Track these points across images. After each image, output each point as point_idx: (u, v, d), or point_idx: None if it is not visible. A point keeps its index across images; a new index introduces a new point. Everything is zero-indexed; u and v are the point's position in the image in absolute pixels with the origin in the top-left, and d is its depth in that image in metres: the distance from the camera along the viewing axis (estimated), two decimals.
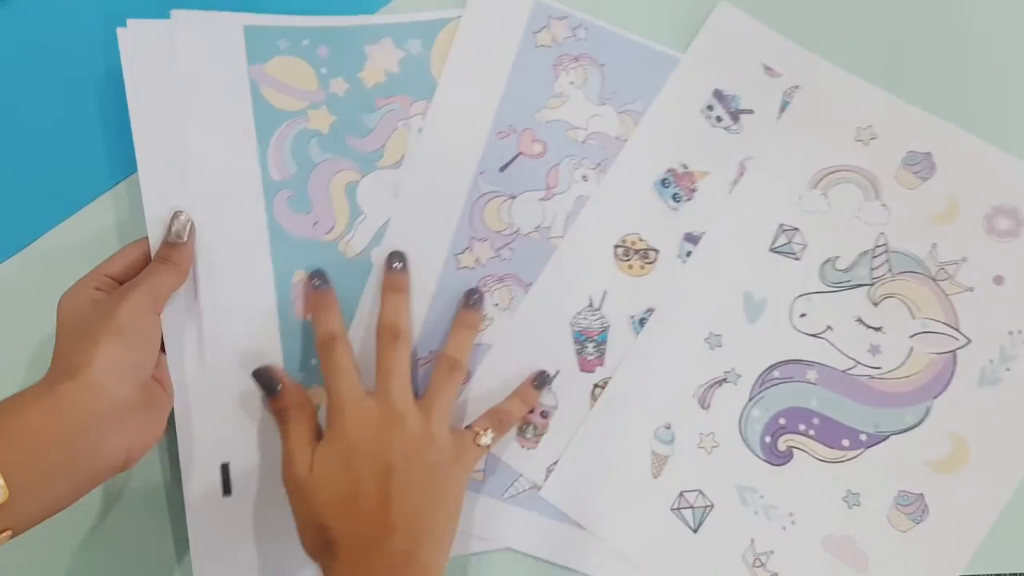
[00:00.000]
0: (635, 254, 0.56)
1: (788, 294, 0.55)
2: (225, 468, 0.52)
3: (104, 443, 0.44)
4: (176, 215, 0.51)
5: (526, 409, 0.54)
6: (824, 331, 0.55)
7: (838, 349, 0.54)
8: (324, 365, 0.50)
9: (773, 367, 0.55)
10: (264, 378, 0.52)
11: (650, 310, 0.55)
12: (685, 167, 0.56)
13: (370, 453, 0.47)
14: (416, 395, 0.51)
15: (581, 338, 0.56)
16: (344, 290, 0.54)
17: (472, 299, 0.54)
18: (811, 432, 0.54)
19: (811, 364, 0.54)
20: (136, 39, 0.52)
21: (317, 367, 0.53)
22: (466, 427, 0.52)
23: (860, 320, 0.54)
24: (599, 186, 0.56)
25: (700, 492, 0.54)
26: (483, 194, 0.56)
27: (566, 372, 0.55)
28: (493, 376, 0.55)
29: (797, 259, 0.55)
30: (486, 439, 0.51)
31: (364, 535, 0.46)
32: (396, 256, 0.53)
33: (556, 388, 0.55)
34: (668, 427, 0.55)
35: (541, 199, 0.56)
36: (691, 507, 0.54)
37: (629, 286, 0.56)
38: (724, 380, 0.55)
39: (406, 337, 0.51)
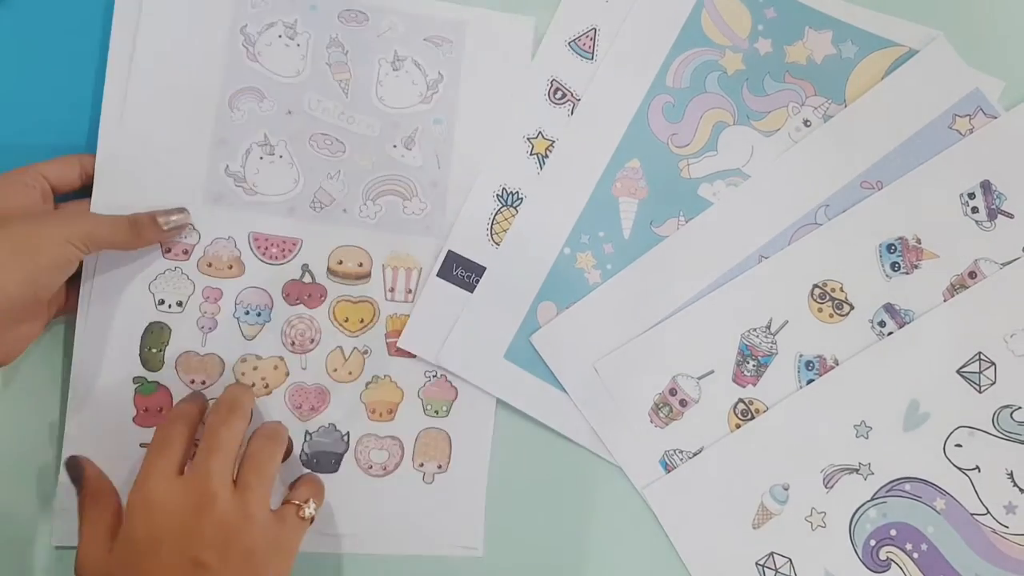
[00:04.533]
0: (831, 301, 0.53)
1: (953, 420, 0.52)
2: None
3: None
4: (183, 211, 0.49)
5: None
6: (971, 469, 0.52)
7: (976, 492, 0.52)
8: (154, 436, 0.44)
9: (907, 479, 0.52)
10: (71, 469, 0.46)
11: (820, 357, 0.52)
12: (918, 241, 0.53)
13: (175, 544, 0.40)
14: None
15: (746, 352, 0.52)
16: (663, 200, 0.54)
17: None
18: (915, 555, 0.51)
19: (944, 493, 0.52)
20: None
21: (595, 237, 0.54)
22: (284, 502, 0.46)
23: (1010, 475, 0.52)
24: (827, 222, 0.53)
25: (790, 561, 0.51)
26: (811, 223, 0.54)
27: (719, 375, 0.52)
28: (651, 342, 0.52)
29: (979, 392, 0.52)
30: (309, 510, 0.45)
31: None
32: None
33: (704, 386, 0.52)
34: (786, 488, 0.52)
35: None
36: (775, 570, 0.51)
37: (811, 328, 0.53)
38: (856, 470, 0.52)
39: (245, 414, 0.45)
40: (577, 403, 0.51)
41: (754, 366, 0.52)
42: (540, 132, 0.54)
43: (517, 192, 0.53)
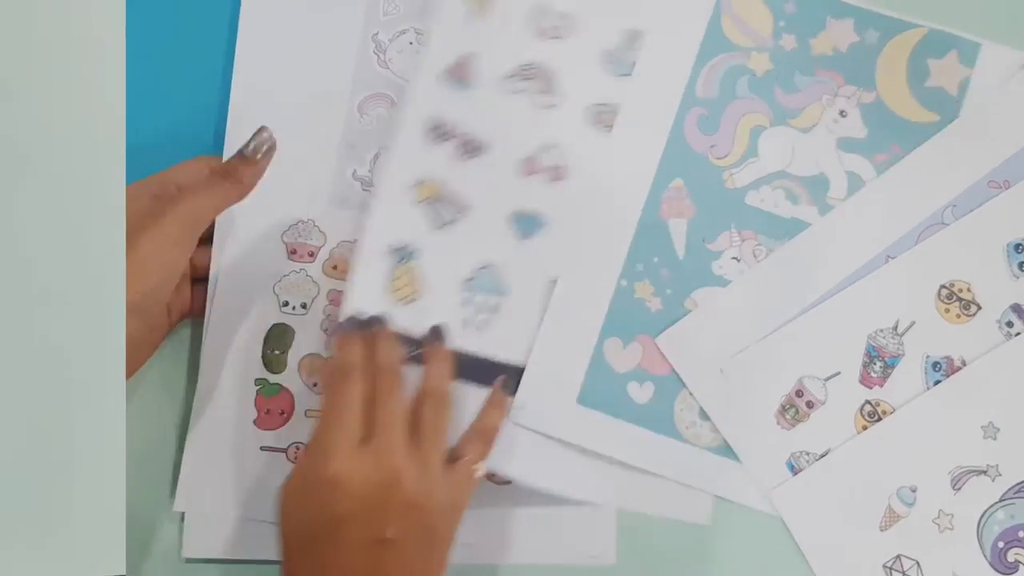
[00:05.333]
0: (958, 302, 0.52)
1: None
2: None
3: None
4: (261, 130, 0.46)
5: (504, 415, 0.48)
6: None
7: None
8: (327, 399, 0.44)
9: None
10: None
11: (947, 358, 0.52)
12: None
13: (363, 522, 0.40)
14: None
15: (873, 353, 0.52)
16: (712, 214, 0.53)
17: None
18: None
19: None
20: None
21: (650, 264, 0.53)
22: (454, 457, 0.45)
23: None
24: (955, 221, 0.52)
25: (917, 564, 0.51)
26: (939, 223, 0.53)
27: (846, 377, 0.52)
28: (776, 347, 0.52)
29: None
30: (480, 470, 0.46)
31: None
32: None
33: (830, 387, 0.52)
34: (913, 490, 0.51)
35: None
36: (903, 573, 0.50)
37: (938, 328, 0.52)
38: (984, 472, 0.51)
39: (403, 380, 0.45)
40: (703, 405, 0.51)
41: (881, 367, 0.52)
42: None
43: None
